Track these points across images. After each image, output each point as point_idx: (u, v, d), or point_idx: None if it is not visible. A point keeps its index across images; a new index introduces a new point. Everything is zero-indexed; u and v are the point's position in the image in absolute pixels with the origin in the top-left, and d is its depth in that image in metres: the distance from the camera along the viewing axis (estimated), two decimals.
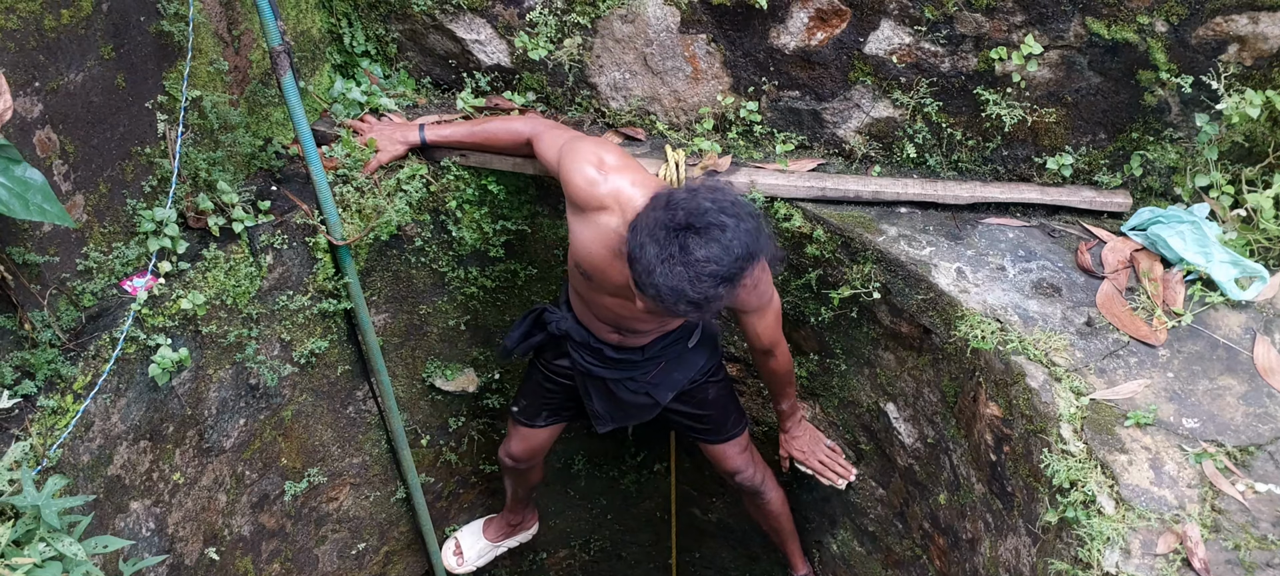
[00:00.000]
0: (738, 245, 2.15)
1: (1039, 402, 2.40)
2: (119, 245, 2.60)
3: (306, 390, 3.23)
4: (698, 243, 2.13)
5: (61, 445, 2.39)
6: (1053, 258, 2.78)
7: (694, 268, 2.12)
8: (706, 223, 2.13)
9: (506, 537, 3.96)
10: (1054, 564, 2.24)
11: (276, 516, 3.35)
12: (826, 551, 3.80)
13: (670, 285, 2.15)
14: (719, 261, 2.13)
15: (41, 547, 2.09)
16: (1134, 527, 2.12)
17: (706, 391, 3.17)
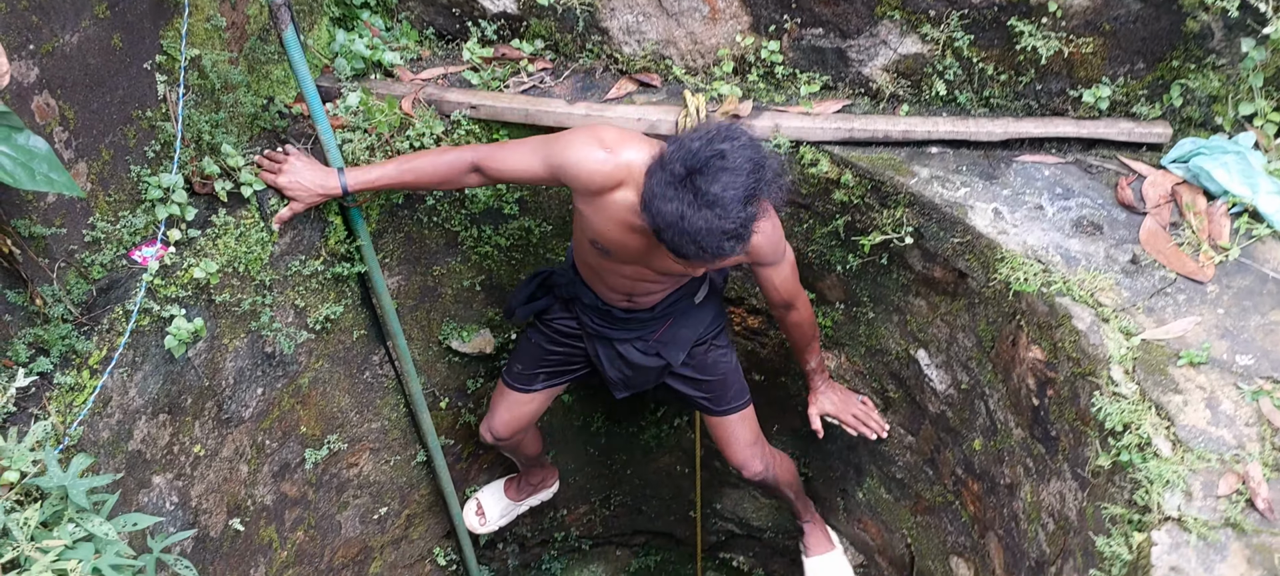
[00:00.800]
0: (742, 160, 2.15)
1: (1087, 344, 2.34)
2: (126, 214, 2.49)
3: (323, 356, 3.15)
4: (706, 180, 2.13)
5: (82, 423, 2.31)
6: (1091, 194, 2.70)
7: (717, 204, 2.13)
8: (705, 160, 2.14)
9: (527, 497, 3.91)
10: (1107, 508, 2.19)
11: (298, 484, 3.28)
12: (852, 499, 3.76)
13: (706, 230, 2.14)
14: (734, 185, 2.13)
15: (71, 528, 2.03)
16: (1193, 469, 2.06)
17: (709, 355, 3.12)
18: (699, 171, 2.13)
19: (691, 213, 2.13)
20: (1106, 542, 2.13)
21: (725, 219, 2.14)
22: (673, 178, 2.16)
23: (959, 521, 3.17)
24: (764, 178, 2.20)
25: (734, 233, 2.16)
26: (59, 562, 1.93)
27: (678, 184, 2.15)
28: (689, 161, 2.15)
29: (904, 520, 3.51)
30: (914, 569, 3.54)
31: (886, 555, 3.72)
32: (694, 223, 2.13)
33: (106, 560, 2.00)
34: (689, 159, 2.15)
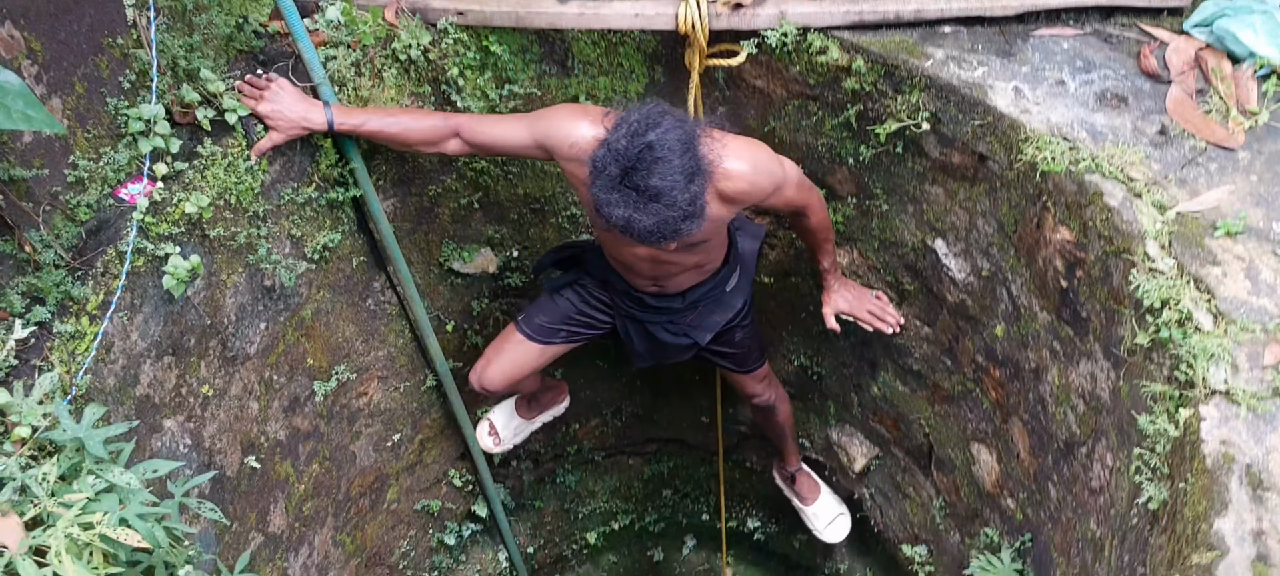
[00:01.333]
0: (671, 143, 2.20)
1: (1120, 221, 2.27)
2: (108, 150, 2.36)
3: (324, 286, 3.05)
4: (642, 176, 2.19)
5: (87, 371, 2.22)
6: (1113, 66, 2.61)
7: (660, 196, 2.20)
8: (635, 156, 2.19)
9: (539, 414, 3.86)
10: (1147, 386, 2.15)
11: (309, 418, 3.22)
12: (866, 394, 3.74)
13: (658, 223, 2.23)
14: (670, 172, 2.19)
15: (91, 481, 1.95)
16: (1238, 341, 2.02)
17: (735, 334, 3.25)
18: (633, 170, 2.19)
19: (638, 213, 2.21)
20: (1150, 420, 2.10)
21: (673, 206, 2.21)
22: (611, 181, 2.22)
23: (980, 409, 3.15)
24: (696, 151, 2.25)
25: (685, 214, 2.24)
26: (83, 515, 1.86)
27: (617, 187, 2.21)
28: (621, 161, 2.20)
29: (921, 410, 3.49)
30: (933, 457, 3.54)
31: (903, 446, 3.71)
32: (645, 221, 2.22)
33: (133, 509, 1.93)
34: (620, 159, 2.20)
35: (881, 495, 3.99)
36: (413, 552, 4.05)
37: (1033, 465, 2.91)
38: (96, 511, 1.86)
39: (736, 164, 2.49)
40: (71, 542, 1.79)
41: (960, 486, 3.40)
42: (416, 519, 4.00)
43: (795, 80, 2.91)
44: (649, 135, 2.20)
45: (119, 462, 2.05)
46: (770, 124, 3.06)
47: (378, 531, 3.78)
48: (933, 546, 3.73)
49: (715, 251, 2.92)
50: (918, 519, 3.78)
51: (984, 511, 3.29)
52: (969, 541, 3.43)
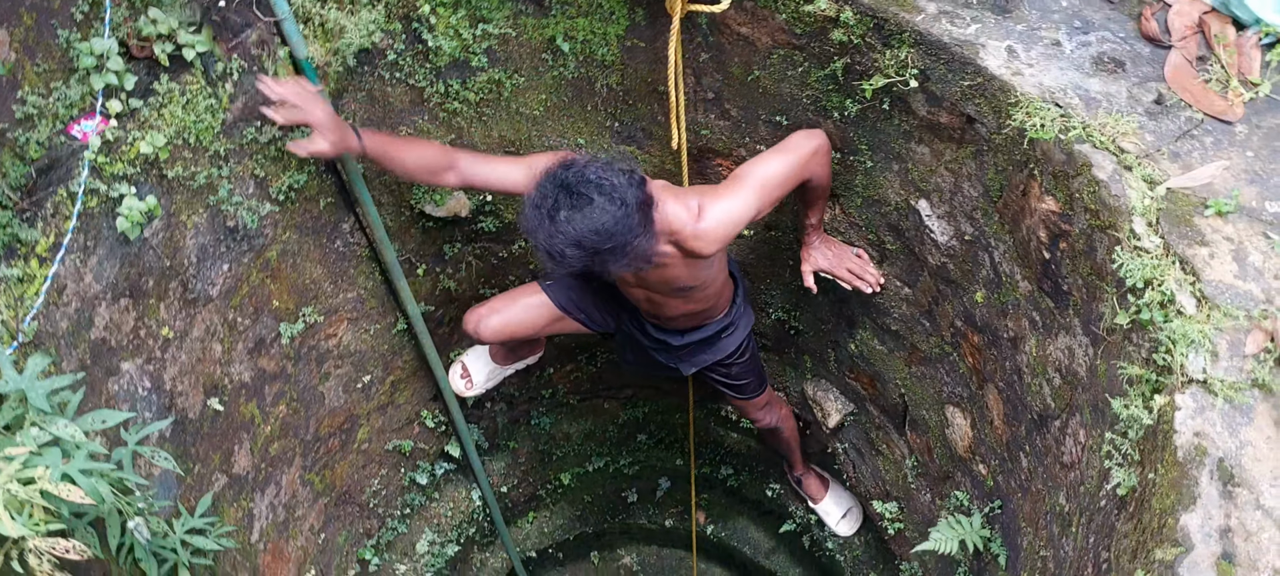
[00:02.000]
0: (597, 222, 2.36)
1: (1108, 195, 2.19)
2: (59, 85, 2.25)
3: (289, 227, 2.97)
4: (566, 205, 2.37)
5: (35, 317, 2.14)
6: (1113, 27, 2.51)
7: (556, 227, 2.37)
8: (580, 193, 2.37)
9: (514, 362, 3.81)
10: (1124, 368, 2.10)
11: (276, 359, 3.16)
12: (843, 351, 3.69)
13: (531, 230, 2.42)
14: (576, 229, 2.35)
15: (35, 432, 1.90)
16: (1219, 328, 1.96)
17: (732, 368, 3.43)
18: (569, 193, 2.39)
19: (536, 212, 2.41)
20: (1123, 405, 2.06)
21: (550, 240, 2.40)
22: (555, 178, 2.42)
23: (956, 372, 3.12)
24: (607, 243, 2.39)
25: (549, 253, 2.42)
26: (24, 471, 1.80)
27: (552, 185, 2.40)
28: (572, 181, 2.41)
29: (898, 370, 3.45)
30: (907, 417, 3.51)
31: (878, 404, 3.69)
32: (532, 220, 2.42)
33: (76, 464, 1.88)
34: (574, 180, 2.41)
35: (855, 450, 3.98)
36: (384, 491, 4.03)
37: (1006, 433, 2.88)
38: (38, 466, 1.80)
39: (687, 221, 2.65)
40: (10, 498, 1.74)
41: (933, 448, 3.38)
42: (388, 458, 3.97)
43: (781, 29, 2.80)
44: (598, 195, 2.37)
45: (66, 413, 1.99)
46: (754, 73, 2.95)
47: (348, 470, 3.75)
48: (903, 503, 3.73)
49: (710, 301, 3.10)
50: (890, 476, 3.77)
51: (955, 474, 3.27)
52: (940, 502, 3.42)
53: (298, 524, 3.46)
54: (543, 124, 3.22)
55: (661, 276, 2.85)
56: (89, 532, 2.02)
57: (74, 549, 1.75)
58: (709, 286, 3.04)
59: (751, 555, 5.11)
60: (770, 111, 3.05)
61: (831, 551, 4.48)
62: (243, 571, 3.09)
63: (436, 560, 4.38)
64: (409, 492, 4.19)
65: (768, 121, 3.09)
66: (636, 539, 5.54)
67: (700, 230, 2.68)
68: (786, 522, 4.68)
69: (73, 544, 1.74)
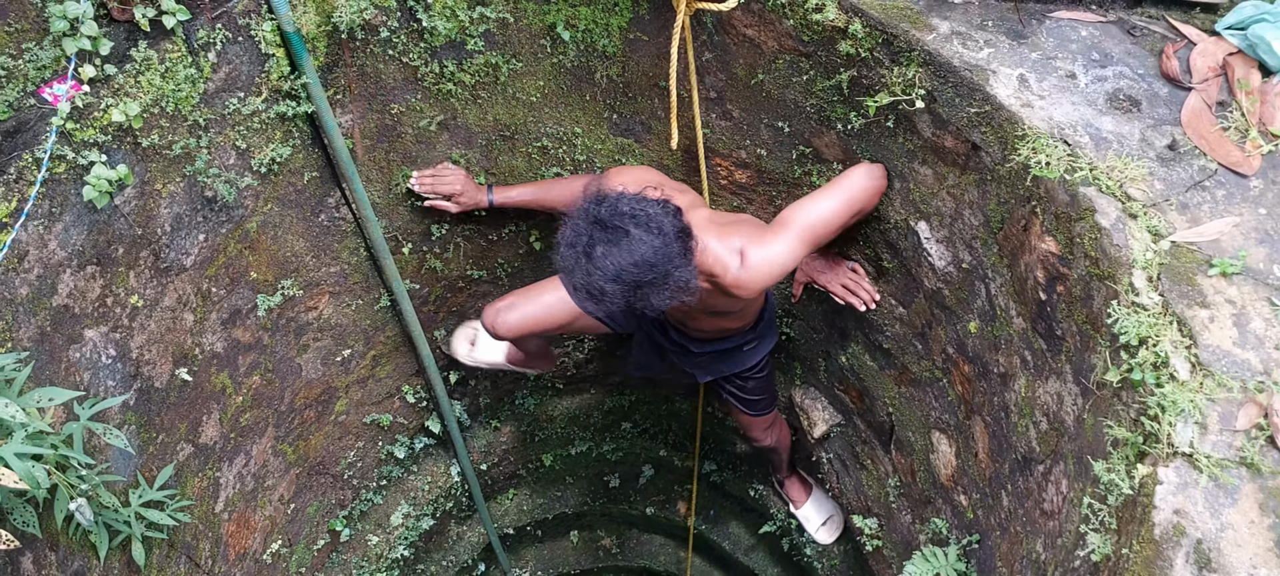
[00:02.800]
0: (637, 255, 2.25)
1: (1109, 244, 2.10)
2: (31, 46, 2.17)
3: (271, 200, 2.89)
4: (602, 240, 2.27)
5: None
6: (1132, 62, 2.39)
7: (593, 264, 2.27)
8: (616, 226, 2.26)
9: (520, 364, 3.75)
10: (1111, 427, 2.02)
11: (251, 330, 3.10)
12: (834, 362, 3.61)
13: (568, 269, 2.31)
14: (615, 264, 2.25)
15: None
16: (1212, 398, 1.87)
17: (748, 382, 3.41)
18: (605, 228, 2.29)
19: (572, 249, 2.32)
20: (1105, 469, 1.97)
21: (588, 277, 2.30)
22: (589, 214, 2.31)
23: (945, 399, 3.03)
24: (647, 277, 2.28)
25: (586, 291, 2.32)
26: None
27: (587, 221, 2.30)
28: (608, 216, 2.30)
29: (887, 389, 3.37)
30: (893, 436, 3.43)
31: (866, 419, 3.61)
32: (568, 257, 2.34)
33: (12, 447, 1.82)
34: (610, 214, 2.30)
35: (839, 462, 3.91)
36: (360, 463, 3.99)
37: (990, 468, 2.80)
38: None
39: (727, 263, 2.57)
40: None
41: (917, 470, 3.31)
42: (365, 431, 3.92)
43: (788, 34, 2.69)
44: (635, 228, 2.26)
45: (11, 390, 1.93)
46: (758, 77, 2.85)
47: (323, 442, 3.71)
48: (884, 521, 3.66)
49: (743, 320, 3.07)
50: (872, 492, 3.70)
51: (937, 500, 3.20)
52: (919, 525, 3.35)
53: (266, 493, 3.42)
54: (540, 110, 3.13)
55: (700, 302, 2.68)
56: (28, 510, 1.97)
57: (3, 538, 1.69)
58: (747, 310, 3.00)
59: (730, 550, 5.07)
60: (773, 116, 2.95)
61: (810, 558, 4.43)
62: (204, 540, 3.05)
63: (410, 532, 4.35)
64: (386, 465, 4.14)
65: (770, 126, 2.99)
66: (617, 522, 5.50)
67: (741, 278, 2.57)
68: (767, 523, 4.63)
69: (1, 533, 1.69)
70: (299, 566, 3.75)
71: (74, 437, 2.16)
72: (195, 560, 3.01)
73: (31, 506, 2.04)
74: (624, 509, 5.30)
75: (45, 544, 2.27)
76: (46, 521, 2.20)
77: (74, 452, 2.09)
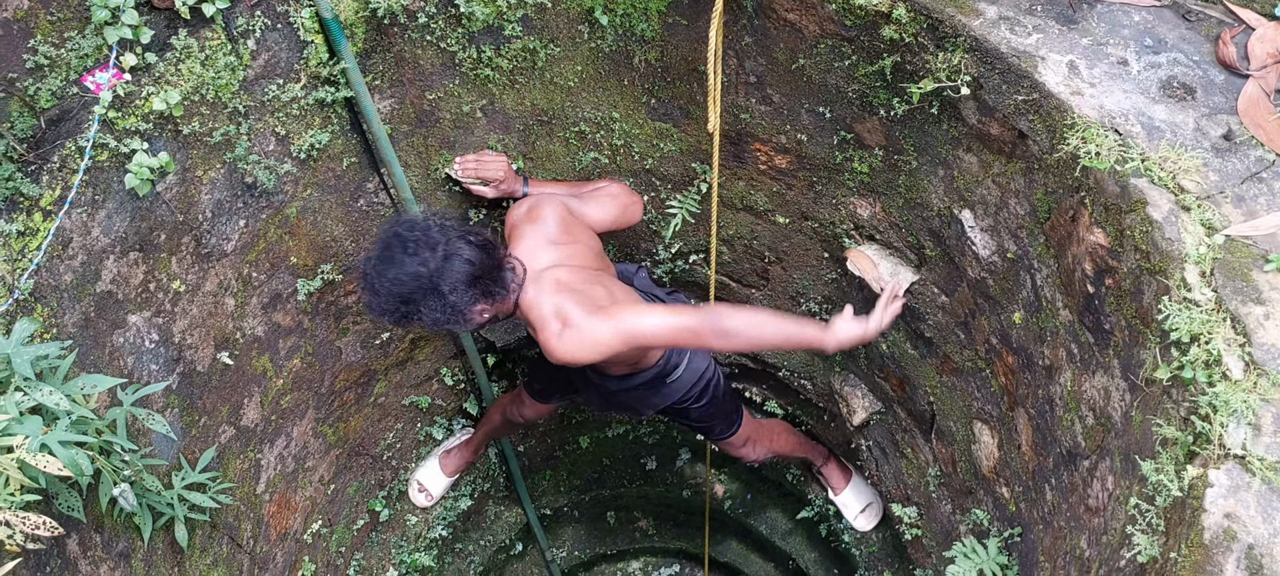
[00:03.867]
0: (403, 272, 2.58)
1: (1161, 237, 2.03)
2: (73, 35, 2.19)
3: (311, 185, 2.91)
4: (381, 255, 2.62)
5: (33, 273, 2.11)
6: (1187, 48, 2.31)
7: (371, 270, 2.63)
8: (391, 245, 2.60)
9: (456, 472, 4.23)
10: (1160, 426, 1.96)
11: (292, 314, 3.13)
12: (874, 349, 3.56)
13: (362, 271, 2.68)
14: (384, 278, 2.59)
15: (18, 398, 1.87)
16: (1266, 398, 1.81)
17: (690, 412, 3.42)
18: (377, 258, 2.64)
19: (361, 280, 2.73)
20: (1153, 468, 1.92)
21: (373, 300, 2.66)
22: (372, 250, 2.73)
23: (987, 389, 2.98)
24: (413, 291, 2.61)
25: (373, 308, 2.68)
26: (3, 438, 1.78)
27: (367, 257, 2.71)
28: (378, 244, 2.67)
29: (928, 377, 3.32)
30: (934, 425, 3.38)
31: (906, 407, 3.56)
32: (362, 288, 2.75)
33: (57, 433, 1.85)
34: (378, 241, 2.67)
35: (878, 449, 3.86)
36: (398, 444, 4.02)
37: (1033, 461, 2.75)
38: (18, 434, 1.78)
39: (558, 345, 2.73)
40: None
41: (958, 461, 3.26)
42: (404, 413, 3.96)
43: (830, 19, 2.64)
44: (399, 254, 2.59)
45: (55, 378, 1.96)
46: (799, 61, 2.80)
47: (362, 423, 3.74)
48: (923, 510, 3.62)
49: (638, 363, 3.12)
50: (912, 480, 3.66)
51: (978, 491, 3.15)
52: (960, 516, 3.31)
53: (307, 474, 3.46)
54: (577, 95, 3.11)
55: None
56: (72, 495, 2.01)
57: (46, 525, 1.72)
58: (637, 355, 3.04)
59: (768, 534, 5.05)
60: (814, 101, 2.90)
61: (847, 544, 4.40)
62: (246, 521, 3.10)
63: (448, 513, 4.39)
64: (424, 447, 4.18)
65: (810, 111, 2.94)
66: (654, 504, 5.51)
67: (551, 344, 2.73)
68: (805, 508, 4.60)
69: (44, 520, 1.72)
70: (339, 546, 3.80)
71: (118, 423, 2.20)
72: (237, 541, 3.05)
73: (76, 491, 2.08)
74: (660, 491, 5.31)
75: (90, 526, 2.31)
76: (91, 504, 2.25)
77: (117, 438, 2.13)
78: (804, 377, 4.00)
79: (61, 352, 2.00)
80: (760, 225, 3.46)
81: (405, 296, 2.58)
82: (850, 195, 3.11)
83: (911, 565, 3.84)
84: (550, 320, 2.73)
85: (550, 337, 2.72)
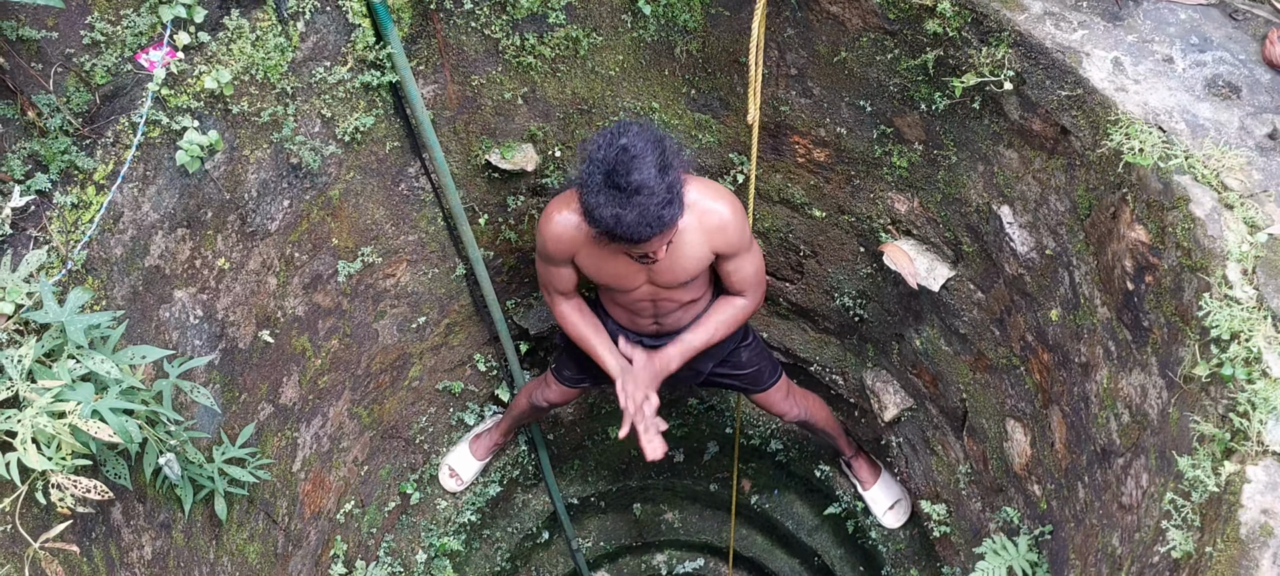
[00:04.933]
0: (644, 144, 2.42)
1: (1203, 234, 2.02)
2: (129, 13, 2.24)
3: (354, 168, 2.95)
4: (622, 176, 2.39)
5: (86, 244, 2.17)
6: (1233, 48, 2.29)
7: (641, 189, 2.40)
8: (614, 160, 2.41)
9: (488, 455, 4.25)
10: (1197, 423, 1.96)
11: (331, 295, 3.18)
12: (907, 345, 3.56)
13: (641, 214, 2.42)
14: (646, 167, 2.40)
15: (71, 365, 1.92)
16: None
17: (740, 355, 3.45)
18: (613, 171, 2.41)
19: (624, 209, 2.41)
20: (1190, 464, 1.91)
21: (653, 196, 2.41)
22: (596, 187, 2.44)
23: (1022, 387, 2.97)
24: (667, 148, 2.47)
25: (665, 200, 2.44)
26: (56, 404, 1.83)
27: (602, 190, 2.43)
28: (603, 166, 2.43)
29: (962, 374, 3.31)
30: (966, 423, 3.38)
31: (938, 404, 3.55)
32: (629, 215, 2.41)
33: (108, 400, 1.90)
34: (601, 166, 2.43)
35: (909, 446, 3.86)
36: (431, 428, 4.07)
37: (1066, 459, 2.74)
38: (70, 400, 1.83)
39: (719, 204, 2.77)
40: (40, 431, 1.77)
41: (989, 458, 3.25)
42: (437, 397, 4.00)
43: (873, 12, 2.64)
44: (622, 139, 2.41)
45: (106, 347, 2.01)
46: (841, 54, 2.81)
47: (396, 406, 3.79)
48: (953, 508, 3.61)
49: (705, 290, 3.11)
50: (942, 477, 3.65)
51: (1009, 489, 3.14)
52: (990, 514, 3.30)
53: (341, 455, 3.51)
54: (618, 85, 3.13)
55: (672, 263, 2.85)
56: (120, 463, 2.06)
57: (96, 489, 1.77)
58: (704, 274, 3.03)
59: (794, 530, 5.05)
60: (854, 95, 2.91)
61: (874, 541, 4.39)
62: (282, 498, 3.15)
63: (477, 499, 4.43)
64: (456, 431, 4.22)
65: (851, 104, 2.94)
66: (680, 497, 5.52)
67: (712, 207, 2.77)
68: (832, 504, 4.60)
69: (95, 484, 1.77)
70: (371, 527, 3.85)
71: (163, 394, 2.25)
72: (273, 517, 3.11)
73: (123, 459, 2.13)
74: (688, 484, 5.32)
75: (134, 496, 2.37)
76: (135, 474, 2.30)
77: (163, 409, 2.18)
78: (835, 372, 4.00)
79: (112, 322, 2.05)
80: (796, 218, 3.47)
81: (671, 180, 2.46)
82: (888, 190, 3.11)
83: (939, 563, 3.83)
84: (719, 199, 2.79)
85: (752, 261, 2.94)
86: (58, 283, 2.06)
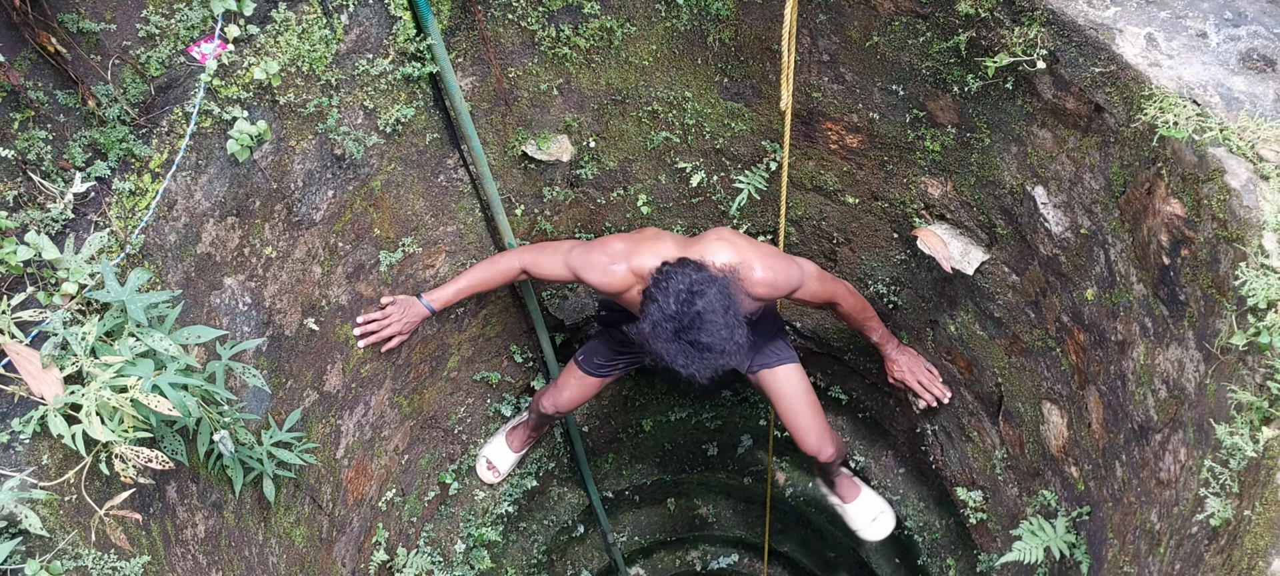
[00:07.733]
0: (715, 306, 2.67)
1: (1238, 205, 2.03)
2: (181, 7, 2.32)
3: (395, 159, 3.02)
4: (695, 335, 2.67)
5: (143, 230, 2.25)
6: (1267, 21, 2.30)
7: (711, 349, 2.68)
8: (688, 321, 2.67)
9: (525, 447, 4.30)
10: (1235, 392, 1.96)
11: (373, 284, 3.25)
12: (942, 331, 3.57)
13: (711, 365, 2.72)
14: (716, 327, 2.67)
15: (131, 343, 1.99)
16: None
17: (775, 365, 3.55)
18: (685, 330, 2.68)
19: (696, 363, 2.71)
20: (1228, 432, 1.92)
21: (723, 354, 2.70)
22: (667, 336, 2.69)
23: (1058, 369, 2.98)
24: (734, 306, 2.71)
25: (732, 352, 2.71)
26: (118, 378, 1.90)
27: (673, 341, 2.69)
28: (674, 323, 2.68)
29: (997, 358, 3.32)
30: (1002, 407, 3.38)
31: (973, 390, 3.56)
32: (702, 367, 2.72)
33: (167, 377, 1.97)
34: (673, 320, 2.68)
35: (944, 434, 3.86)
36: (469, 418, 4.13)
37: (1103, 439, 2.75)
38: (132, 376, 1.90)
39: (762, 272, 2.96)
40: (103, 404, 1.84)
41: (1026, 442, 3.26)
42: (475, 387, 4.06)
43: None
44: (697, 304, 2.65)
45: (164, 327, 2.09)
46: (873, 39, 2.83)
47: (435, 396, 3.86)
48: (989, 494, 3.61)
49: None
50: (978, 464, 3.66)
51: (1046, 472, 3.14)
52: (1027, 498, 3.30)
53: (383, 443, 3.58)
54: (651, 74, 3.18)
55: None
56: (176, 439, 2.13)
57: (157, 459, 1.84)
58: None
59: (828, 524, 5.06)
60: (887, 79, 2.93)
61: (910, 531, 4.40)
62: (326, 484, 3.22)
63: (514, 490, 4.49)
64: (492, 422, 4.28)
65: (883, 89, 2.97)
66: (714, 491, 5.55)
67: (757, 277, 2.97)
68: None
69: (156, 454, 1.84)
70: (411, 515, 3.92)
71: (216, 375, 2.32)
72: (318, 502, 3.18)
73: (180, 437, 2.21)
74: (721, 478, 5.35)
75: (187, 475, 2.44)
76: (189, 453, 2.37)
77: (217, 388, 2.25)
78: (870, 361, 4.01)
79: (169, 302, 2.12)
80: (829, 205, 3.49)
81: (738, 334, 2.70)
82: (921, 174, 3.13)
83: (975, 551, 3.83)
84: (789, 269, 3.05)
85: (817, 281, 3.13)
86: (117, 266, 2.13)
